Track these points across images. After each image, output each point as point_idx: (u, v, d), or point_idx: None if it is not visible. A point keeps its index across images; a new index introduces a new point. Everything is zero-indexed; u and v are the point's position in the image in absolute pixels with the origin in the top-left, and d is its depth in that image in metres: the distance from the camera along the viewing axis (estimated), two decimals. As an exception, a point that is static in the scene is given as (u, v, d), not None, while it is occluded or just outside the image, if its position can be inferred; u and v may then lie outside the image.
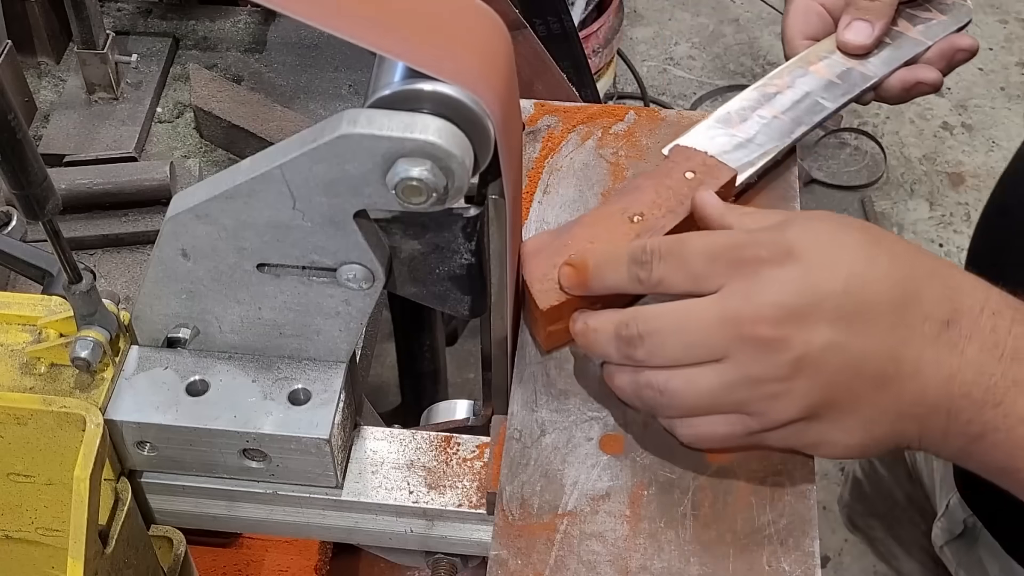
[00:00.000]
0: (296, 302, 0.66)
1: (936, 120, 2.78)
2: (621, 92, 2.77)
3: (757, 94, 0.86)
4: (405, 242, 0.64)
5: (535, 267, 0.73)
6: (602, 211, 0.76)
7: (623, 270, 0.67)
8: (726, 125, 0.84)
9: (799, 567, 0.65)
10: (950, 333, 0.63)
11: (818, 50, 0.89)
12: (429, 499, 0.70)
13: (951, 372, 0.63)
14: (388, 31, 0.57)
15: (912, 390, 0.63)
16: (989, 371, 0.62)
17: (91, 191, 1.07)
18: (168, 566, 0.75)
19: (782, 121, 0.84)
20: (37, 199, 0.58)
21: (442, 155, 0.56)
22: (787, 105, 0.85)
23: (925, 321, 0.63)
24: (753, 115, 0.84)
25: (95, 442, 0.63)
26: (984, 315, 0.63)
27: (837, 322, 0.62)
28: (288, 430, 0.66)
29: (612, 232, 0.74)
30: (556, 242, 0.74)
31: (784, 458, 0.69)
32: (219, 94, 1.18)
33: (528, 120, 0.89)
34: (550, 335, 0.74)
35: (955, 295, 0.64)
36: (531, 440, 0.71)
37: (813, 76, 0.87)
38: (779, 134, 0.83)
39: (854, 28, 0.86)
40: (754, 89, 0.86)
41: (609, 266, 0.68)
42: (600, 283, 0.69)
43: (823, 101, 0.85)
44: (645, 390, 0.66)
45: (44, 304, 0.69)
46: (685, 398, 0.65)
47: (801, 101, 0.85)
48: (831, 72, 0.87)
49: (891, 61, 0.87)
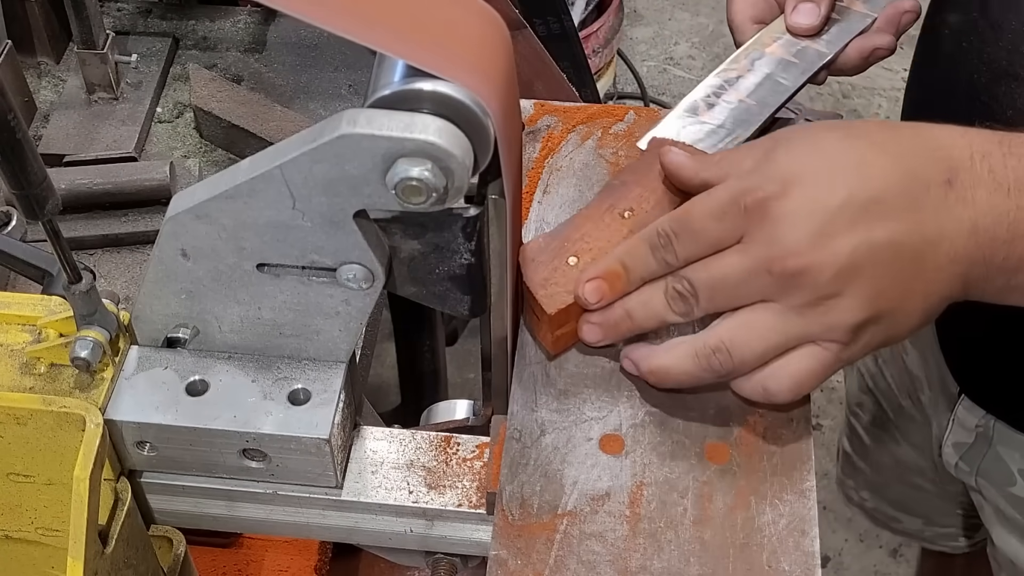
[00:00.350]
0: (296, 302, 0.66)
1: (936, 120, 2.78)
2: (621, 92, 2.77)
3: (719, 80, 0.87)
4: (405, 242, 0.64)
5: (535, 273, 0.73)
6: (592, 211, 0.76)
7: (650, 260, 0.69)
8: (695, 113, 0.85)
9: (799, 567, 0.65)
10: (955, 190, 0.66)
11: (771, 31, 0.89)
12: (429, 499, 0.70)
13: (972, 223, 0.66)
14: (388, 30, 0.57)
15: (945, 252, 0.66)
16: (1004, 209, 0.66)
17: (91, 191, 1.07)
18: (168, 566, 0.75)
19: (748, 104, 0.85)
20: (37, 199, 0.58)
21: (442, 155, 0.56)
22: (751, 88, 0.86)
23: (929, 189, 0.66)
24: (720, 101, 0.85)
25: (95, 442, 0.63)
26: (976, 161, 0.66)
27: (854, 226, 0.65)
28: (288, 430, 0.66)
29: (606, 230, 0.74)
30: (552, 245, 0.74)
31: (784, 458, 0.69)
32: (219, 94, 1.18)
33: (528, 120, 0.89)
34: (558, 339, 0.73)
35: (944, 154, 0.67)
36: (531, 440, 0.71)
37: (770, 57, 0.88)
38: (747, 117, 0.84)
39: (801, 10, 0.88)
40: (715, 75, 0.88)
41: (636, 262, 0.70)
42: (635, 281, 0.70)
43: (784, 81, 0.86)
44: (712, 357, 0.68)
45: (44, 304, 0.69)
46: (751, 344, 0.67)
47: (763, 83, 0.86)
48: (787, 52, 0.88)
49: (843, 35, 0.89)
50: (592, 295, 0.70)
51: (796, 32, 0.88)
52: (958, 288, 0.68)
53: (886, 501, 1.40)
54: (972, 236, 0.66)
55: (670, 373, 0.70)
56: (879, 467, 1.37)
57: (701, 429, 0.71)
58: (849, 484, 1.44)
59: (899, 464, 1.32)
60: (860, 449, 1.38)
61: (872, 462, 1.37)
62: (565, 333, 0.73)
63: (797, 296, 0.66)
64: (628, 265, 0.70)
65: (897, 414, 1.27)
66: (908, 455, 1.29)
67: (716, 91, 0.86)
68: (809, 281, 0.65)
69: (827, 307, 0.66)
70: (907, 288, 0.67)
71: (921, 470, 1.29)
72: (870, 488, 1.41)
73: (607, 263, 0.71)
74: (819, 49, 0.88)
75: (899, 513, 1.39)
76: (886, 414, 1.30)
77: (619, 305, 0.71)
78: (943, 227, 0.66)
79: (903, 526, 1.41)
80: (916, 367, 1.18)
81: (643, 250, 0.70)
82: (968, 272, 0.67)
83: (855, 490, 1.43)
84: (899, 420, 1.28)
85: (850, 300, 0.66)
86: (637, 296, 0.70)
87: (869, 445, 1.36)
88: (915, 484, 1.32)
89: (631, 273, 0.70)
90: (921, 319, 0.69)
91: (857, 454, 1.39)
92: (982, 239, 0.66)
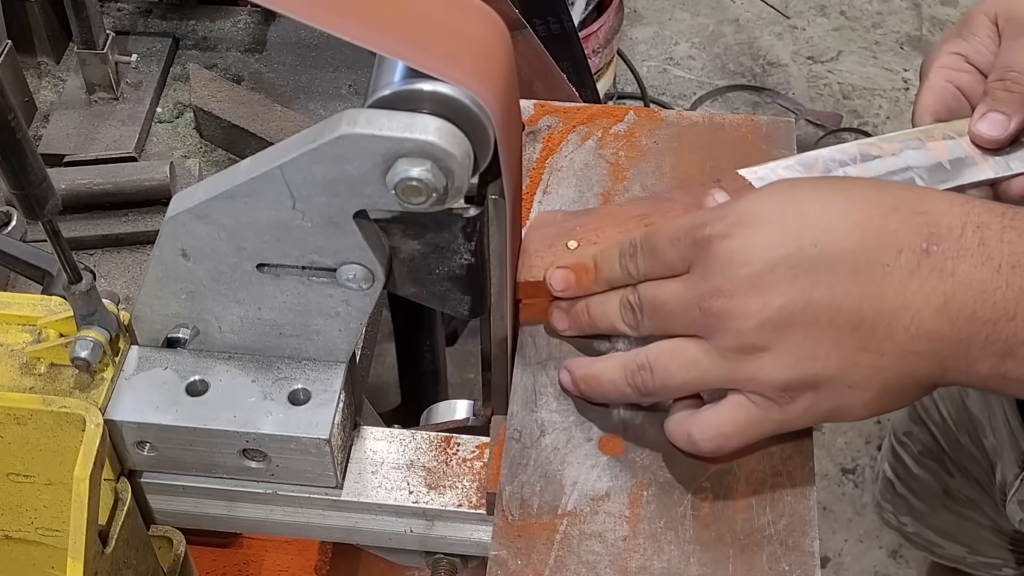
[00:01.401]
0: (296, 302, 0.66)
1: (936, 120, 2.78)
2: (621, 92, 2.76)
3: (856, 150, 0.79)
4: (405, 242, 0.64)
5: (532, 240, 0.74)
6: (621, 209, 0.76)
7: (616, 266, 0.70)
8: (807, 169, 0.78)
9: (799, 567, 0.65)
10: (932, 259, 0.61)
11: (946, 128, 0.80)
12: (429, 499, 0.70)
13: (945, 298, 0.61)
14: (388, 31, 0.57)
15: (904, 326, 0.61)
16: (989, 285, 0.60)
17: (91, 191, 1.07)
18: (168, 566, 0.75)
19: None
20: (37, 199, 0.58)
21: (442, 155, 0.56)
22: (880, 172, 0.77)
23: (899, 253, 0.61)
24: (839, 170, 0.77)
25: (95, 442, 0.63)
26: (968, 230, 0.61)
27: (795, 280, 0.62)
28: (288, 430, 0.66)
29: (620, 231, 0.74)
30: (564, 223, 0.75)
31: (784, 458, 0.69)
32: (219, 94, 1.18)
33: (528, 120, 0.89)
34: (524, 307, 0.74)
35: (929, 219, 0.62)
36: (531, 440, 0.71)
37: (926, 152, 0.79)
38: None
39: (989, 119, 0.78)
40: (857, 145, 0.79)
41: (604, 264, 0.71)
42: (601, 283, 0.71)
43: (920, 180, 0.77)
44: (637, 373, 0.67)
45: (44, 304, 0.69)
46: (671, 371, 0.66)
47: (896, 172, 0.78)
48: (946, 155, 0.79)
49: (1018, 162, 0.79)
50: (558, 283, 0.72)
51: (978, 142, 0.79)
52: (929, 368, 0.63)
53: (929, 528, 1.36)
54: (943, 312, 0.61)
55: (599, 379, 0.70)
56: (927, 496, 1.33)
57: (701, 429, 0.71)
58: (887, 508, 1.41)
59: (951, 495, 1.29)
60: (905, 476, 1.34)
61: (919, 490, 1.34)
62: (530, 305, 0.74)
63: (722, 338, 0.64)
64: (599, 265, 0.71)
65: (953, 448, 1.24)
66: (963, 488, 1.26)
67: (845, 159, 0.78)
68: (733, 326, 0.63)
69: (751, 358, 0.63)
70: (849, 358, 0.62)
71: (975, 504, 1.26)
72: (912, 514, 1.37)
73: (581, 256, 0.72)
74: (979, 168, 0.78)
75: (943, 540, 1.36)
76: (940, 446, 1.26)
77: (583, 299, 0.72)
78: (907, 298, 0.61)
79: (945, 552, 1.38)
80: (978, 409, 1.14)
81: (613, 254, 0.70)
82: (939, 351, 0.62)
83: (894, 514, 1.40)
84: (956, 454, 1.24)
85: (777, 357, 0.62)
86: (598, 296, 0.71)
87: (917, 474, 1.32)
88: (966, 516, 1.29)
89: (599, 273, 0.71)
90: (877, 396, 0.64)
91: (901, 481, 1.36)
92: (956, 316, 0.60)
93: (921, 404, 1.27)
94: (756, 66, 2.88)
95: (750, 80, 2.83)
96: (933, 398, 1.24)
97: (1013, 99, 0.78)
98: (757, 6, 3.02)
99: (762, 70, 2.86)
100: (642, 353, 0.67)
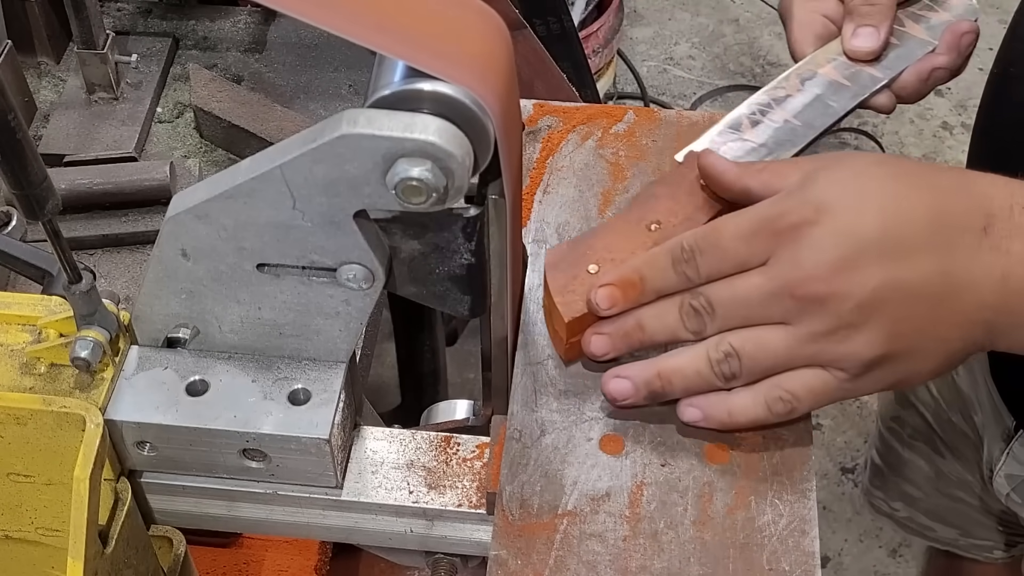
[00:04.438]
0: (296, 302, 0.66)
1: (936, 120, 2.78)
2: (621, 92, 2.77)
3: (767, 98, 0.84)
4: (405, 242, 0.64)
5: (556, 279, 0.72)
6: (618, 221, 0.75)
7: (670, 273, 0.69)
8: (737, 130, 0.82)
9: (799, 567, 0.65)
10: (990, 238, 0.66)
11: (826, 52, 0.87)
12: (429, 499, 0.70)
13: (1003, 272, 0.65)
14: (388, 30, 0.57)
15: (971, 300, 0.66)
16: None
17: (91, 191, 1.07)
18: (168, 566, 0.75)
19: (793, 125, 0.83)
20: (37, 199, 0.58)
21: (442, 155, 0.56)
22: (798, 109, 0.83)
23: (964, 234, 0.66)
24: (764, 119, 0.83)
25: (95, 442, 0.63)
26: (1015, 211, 0.66)
27: (883, 261, 0.65)
28: (288, 430, 0.66)
29: (630, 241, 0.73)
30: (574, 253, 0.73)
31: (784, 458, 0.69)
32: (219, 94, 1.18)
33: (528, 120, 0.89)
34: (571, 346, 0.73)
35: (983, 201, 0.66)
36: (531, 440, 0.71)
37: (822, 78, 0.85)
38: (791, 138, 0.82)
39: (860, 34, 0.85)
40: (764, 93, 0.85)
41: (655, 273, 0.69)
42: (650, 293, 0.70)
43: (833, 104, 0.84)
44: (724, 363, 0.68)
45: (44, 304, 0.69)
46: (760, 359, 0.67)
47: (812, 104, 0.84)
48: (840, 74, 0.85)
49: (900, 61, 0.86)
50: (604, 301, 0.70)
51: (854, 56, 0.86)
52: (981, 336, 0.67)
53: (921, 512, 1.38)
54: (1002, 286, 0.65)
55: (683, 372, 0.69)
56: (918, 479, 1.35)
57: (701, 429, 0.71)
58: (878, 495, 1.42)
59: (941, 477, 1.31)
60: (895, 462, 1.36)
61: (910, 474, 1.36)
62: (579, 342, 0.73)
63: (815, 323, 0.66)
64: (645, 276, 0.69)
65: (945, 429, 1.26)
66: (954, 469, 1.28)
67: (762, 109, 0.83)
68: (830, 309, 0.65)
69: (842, 337, 0.66)
70: (926, 331, 0.66)
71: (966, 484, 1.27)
72: (904, 499, 1.39)
73: (623, 271, 0.70)
74: (874, 73, 0.85)
75: (935, 523, 1.38)
76: (931, 428, 1.28)
77: (631, 315, 0.70)
78: (972, 274, 0.65)
79: (937, 535, 1.39)
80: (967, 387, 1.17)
81: (664, 262, 0.69)
82: (994, 321, 0.66)
83: (885, 501, 1.41)
84: (947, 435, 1.26)
85: (868, 334, 0.65)
86: (651, 308, 0.70)
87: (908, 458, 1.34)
88: (956, 497, 1.31)
89: (647, 284, 0.69)
90: (940, 364, 0.68)
91: (890, 467, 1.38)
92: (1012, 290, 0.65)
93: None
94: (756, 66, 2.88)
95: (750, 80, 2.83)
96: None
97: (876, 10, 0.85)
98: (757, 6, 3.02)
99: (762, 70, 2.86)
100: (724, 340, 0.68)
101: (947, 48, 0.87)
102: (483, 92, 0.57)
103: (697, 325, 0.68)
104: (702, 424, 0.70)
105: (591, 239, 0.74)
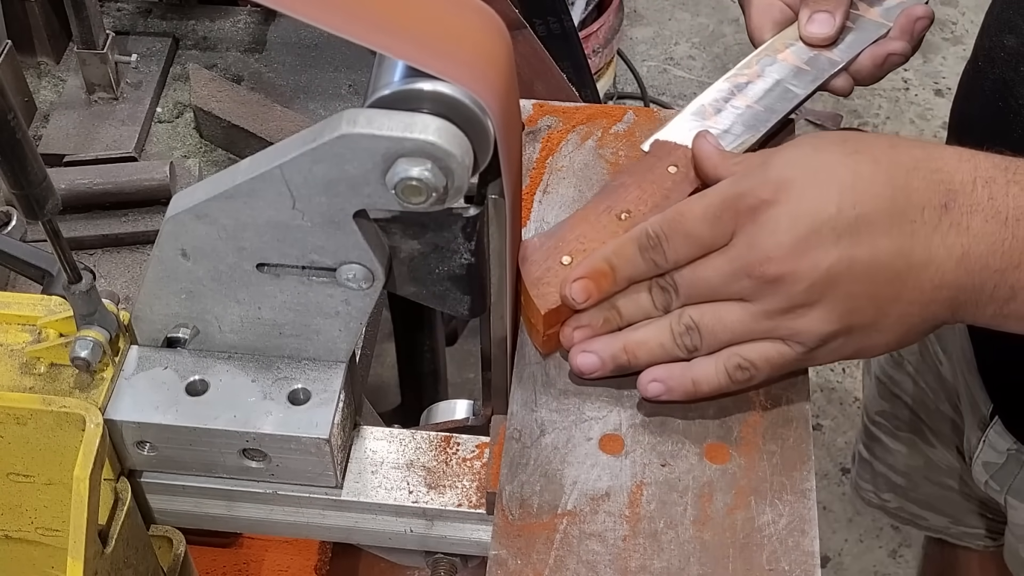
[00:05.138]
0: (296, 302, 0.66)
1: (936, 120, 2.78)
2: (621, 92, 2.76)
3: (729, 85, 0.86)
4: (405, 242, 0.64)
5: (530, 272, 0.73)
6: (588, 211, 0.76)
7: (639, 261, 0.70)
8: (701, 117, 0.84)
9: (799, 567, 0.65)
10: (951, 215, 0.66)
11: (784, 38, 0.89)
12: (429, 499, 0.70)
13: (963, 250, 0.66)
14: (387, 30, 0.57)
15: (930, 278, 0.66)
16: (998, 237, 0.65)
17: (91, 191, 1.07)
18: (168, 566, 0.75)
19: (756, 110, 0.85)
20: (37, 199, 0.58)
21: (442, 155, 0.56)
22: (759, 94, 0.85)
23: (923, 210, 0.66)
24: (727, 106, 0.85)
25: (95, 442, 0.63)
26: (978, 186, 0.66)
27: (839, 240, 0.65)
28: (288, 430, 0.66)
29: (601, 231, 0.74)
30: (547, 244, 0.74)
31: (784, 457, 0.70)
32: (219, 94, 1.18)
33: (528, 120, 0.89)
34: (548, 338, 0.74)
35: (944, 177, 0.67)
36: (531, 440, 0.71)
37: (782, 64, 0.87)
38: (754, 123, 0.84)
39: (815, 20, 0.87)
40: (725, 80, 0.87)
41: (623, 262, 0.71)
42: (621, 281, 0.71)
43: (794, 88, 0.86)
44: (685, 335, 0.69)
45: (44, 304, 0.69)
46: (718, 332, 0.69)
47: (772, 89, 0.86)
48: (799, 59, 0.87)
49: (856, 44, 0.88)
50: (579, 294, 0.71)
51: (811, 41, 0.87)
52: (944, 313, 0.68)
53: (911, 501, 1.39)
54: (962, 263, 0.66)
55: (648, 344, 0.71)
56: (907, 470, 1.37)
57: (701, 429, 0.71)
58: (867, 488, 1.44)
59: (930, 466, 1.32)
60: (882, 454, 1.38)
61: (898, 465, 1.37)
62: (556, 333, 0.73)
63: (771, 301, 0.67)
64: (615, 265, 0.71)
65: (932, 417, 1.27)
66: (942, 457, 1.29)
67: (725, 96, 0.85)
68: (784, 289, 0.66)
69: (797, 314, 0.67)
70: (883, 308, 0.67)
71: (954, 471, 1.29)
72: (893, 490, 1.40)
73: (594, 262, 0.71)
74: (831, 57, 0.87)
75: (925, 512, 1.39)
76: (918, 417, 1.29)
77: (606, 311, 0.72)
78: (932, 252, 0.66)
79: (928, 523, 1.41)
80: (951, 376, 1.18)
81: (631, 250, 0.70)
82: (956, 298, 0.67)
83: (875, 493, 1.43)
84: (934, 423, 1.27)
85: (821, 311, 0.67)
86: (623, 297, 0.72)
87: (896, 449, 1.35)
88: (945, 485, 1.32)
89: (619, 273, 0.71)
90: (899, 337, 0.69)
91: (878, 459, 1.39)
92: (972, 267, 0.66)
93: (890, 380, 1.31)
94: (756, 66, 2.88)
95: (750, 80, 2.82)
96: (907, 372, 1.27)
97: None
98: (757, 6, 3.01)
99: (762, 70, 2.85)
100: (685, 314, 0.70)
101: (901, 32, 0.88)
102: (483, 92, 0.57)
103: (665, 301, 0.71)
104: (665, 397, 0.71)
105: (562, 231, 0.75)
